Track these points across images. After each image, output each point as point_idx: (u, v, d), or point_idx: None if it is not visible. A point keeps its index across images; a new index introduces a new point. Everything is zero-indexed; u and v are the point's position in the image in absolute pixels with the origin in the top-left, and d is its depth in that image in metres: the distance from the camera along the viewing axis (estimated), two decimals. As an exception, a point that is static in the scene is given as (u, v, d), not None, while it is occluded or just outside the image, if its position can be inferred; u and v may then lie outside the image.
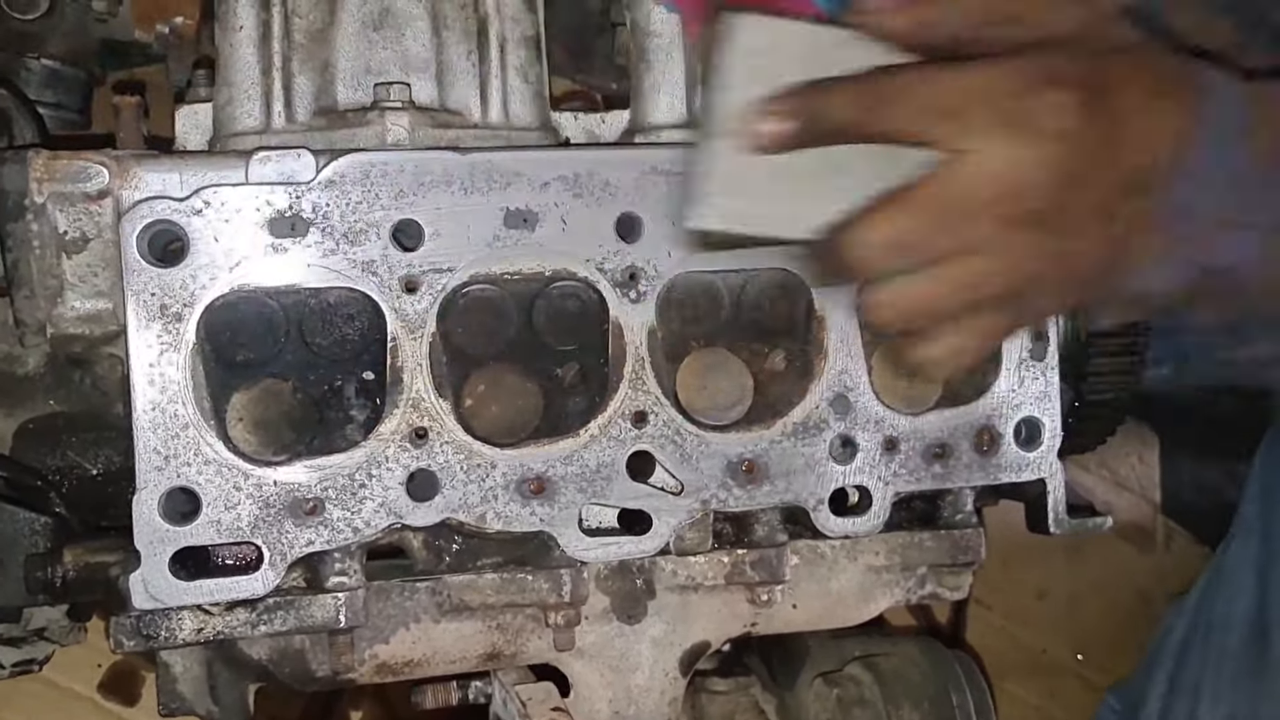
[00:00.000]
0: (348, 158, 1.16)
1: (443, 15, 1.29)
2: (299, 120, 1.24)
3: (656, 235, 1.22)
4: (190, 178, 1.14)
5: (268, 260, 1.14)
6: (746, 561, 1.30)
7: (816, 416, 1.28)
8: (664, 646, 1.33)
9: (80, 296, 1.16)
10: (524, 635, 1.29)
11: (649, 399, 1.24)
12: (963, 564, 1.37)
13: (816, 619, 1.38)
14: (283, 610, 1.17)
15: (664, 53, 1.33)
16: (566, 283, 1.22)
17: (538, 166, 1.20)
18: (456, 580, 1.24)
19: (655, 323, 1.23)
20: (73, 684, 1.84)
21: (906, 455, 1.31)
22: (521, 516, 1.21)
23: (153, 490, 1.12)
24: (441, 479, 1.18)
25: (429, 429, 1.18)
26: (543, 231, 1.20)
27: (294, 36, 1.24)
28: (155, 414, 1.12)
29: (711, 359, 1.27)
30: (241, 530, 1.14)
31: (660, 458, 1.24)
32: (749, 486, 1.26)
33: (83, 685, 1.85)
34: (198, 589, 1.13)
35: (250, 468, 1.14)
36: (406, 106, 1.22)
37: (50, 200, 1.12)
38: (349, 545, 1.17)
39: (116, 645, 1.13)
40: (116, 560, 1.14)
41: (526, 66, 1.30)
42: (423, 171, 1.17)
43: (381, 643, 1.25)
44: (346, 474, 1.16)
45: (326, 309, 1.18)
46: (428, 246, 1.18)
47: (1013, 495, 1.41)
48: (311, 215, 1.15)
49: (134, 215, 1.11)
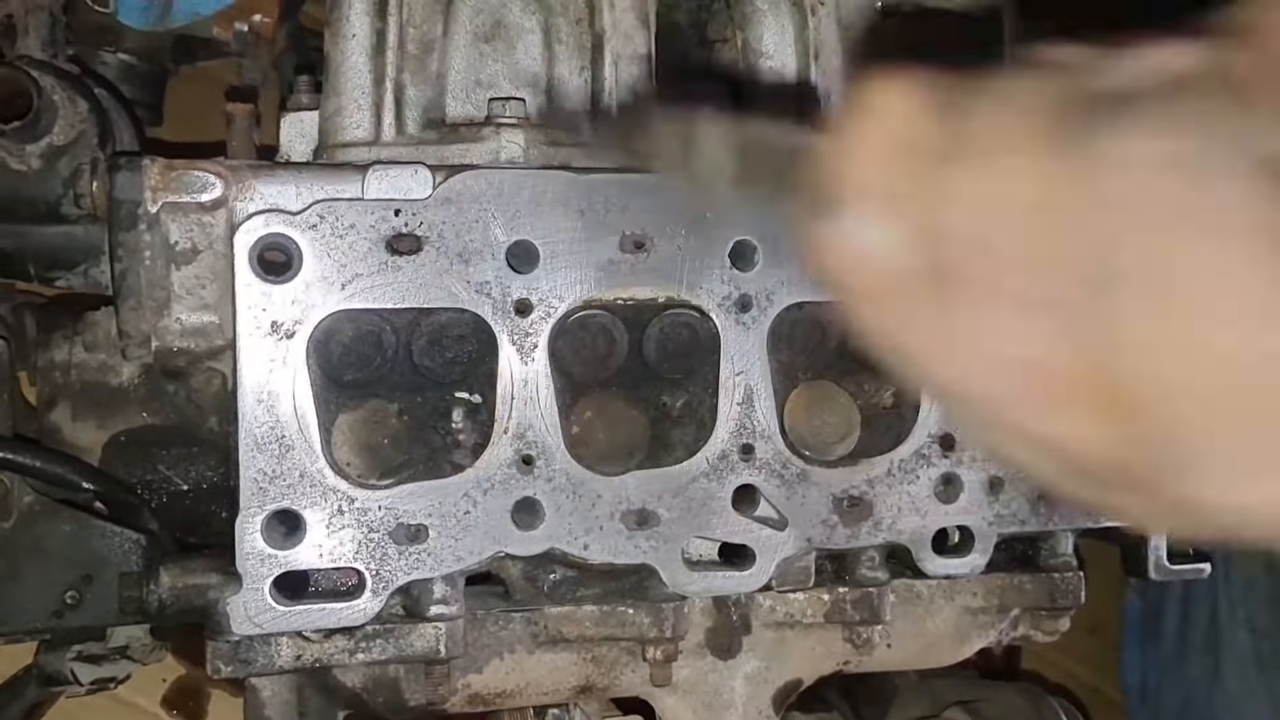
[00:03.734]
0: (464, 175, 1.13)
1: (556, 29, 1.26)
2: (409, 132, 1.21)
3: (770, 263, 1.19)
4: (304, 191, 1.10)
5: (380, 278, 1.11)
6: (847, 600, 1.27)
7: (922, 454, 1.25)
8: (757, 683, 1.30)
9: (187, 309, 1.12)
10: (618, 668, 1.26)
11: (756, 431, 1.21)
12: (1061, 608, 1.35)
13: (911, 659, 1.35)
14: (382, 639, 1.14)
15: (775, 75, 1.31)
16: (679, 310, 1.19)
17: (655, 190, 1.17)
18: (555, 612, 1.21)
19: (766, 353, 1.20)
20: (136, 698, 1.80)
21: (1010, 496, 1.28)
22: (626, 548, 1.18)
23: (256, 512, 1.09)
24: (547, 508, 1.15)
25: (536, 456, 1.15)
26: (657, 257, 1.17)
27: (407, 47, 1.21)
28: (261, 433, 1.09)
29: (819, 392, 1.24)
30: (345, 555, 1.11)
31: (765, 491, 1.21)
32: (854, 524, 1.24)
33: (147, 700, 1.81)
34: (300, 615, 1.10)
35: (355, 491, 1.11)
36: (521, 123, 1.18)
37: (164, 210, 1.08)
38: (451, 574, 1.14)
39: (214, 671, 1.09)
40: (215, 582, 1.10)
41: (638, 84, 1.27)
42: (540, 191, 1.14)
43: (475, 672, 1.22)
44: (452, 500, 1.13)
45: (436, 330, 1.14)
46: (542, 269, 1.14)
47: (1107, 538, 1.39)
48: (426, 233, 1.11)
49: (248, 228, 1.07)
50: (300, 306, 1.09)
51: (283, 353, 1.09)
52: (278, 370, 1.09)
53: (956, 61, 0.62)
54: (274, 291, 1.09)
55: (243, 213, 1.09)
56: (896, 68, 0.64)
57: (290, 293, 1.09)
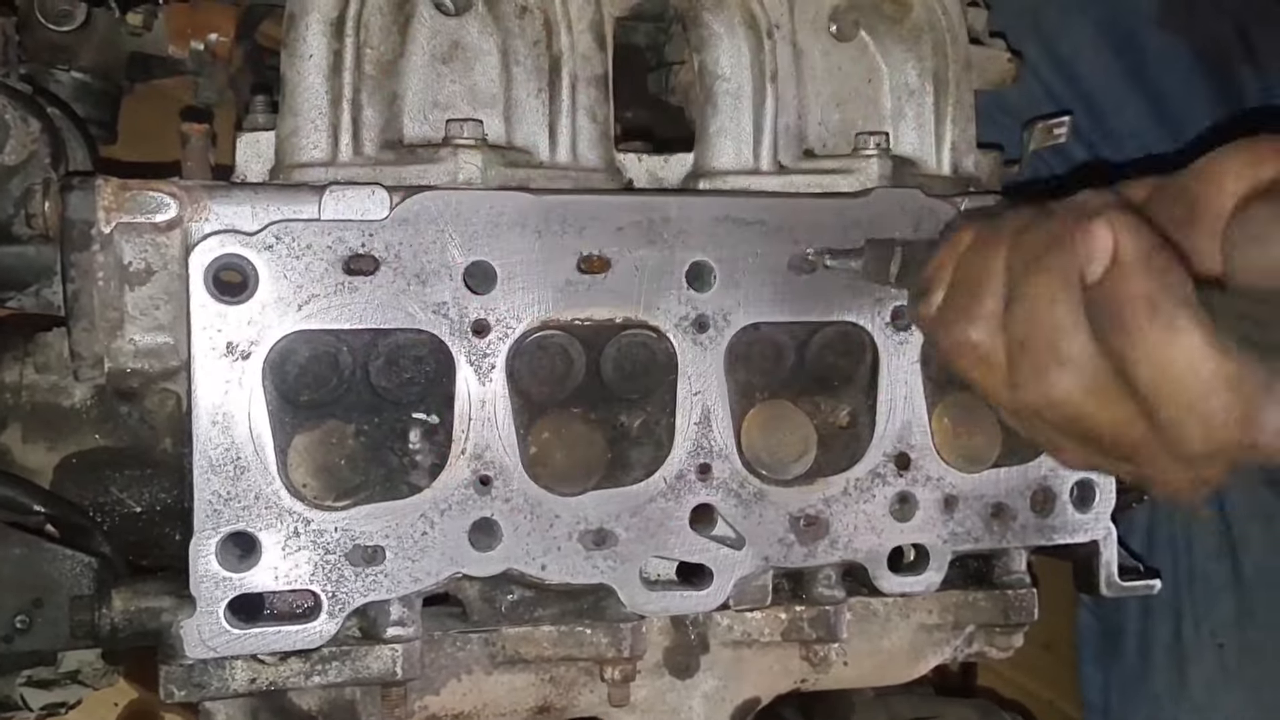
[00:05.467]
0: (421, 196, 1.13)
1: (513, 51, 1.26)
2: (366, 153, 1.21)
3: (726, 284, 1.20)
4: (261, 211, 1.10)
5: (337, 299, 1.11)
6: (804, 618, 1.28)
7: (878, 473, 1.27)
8: (715, 702, 1.31)
9: (140, 330, 1.11)
10: (576, 688, 1.26)
11: (714, 450, 1.21)
12: (1015, 624, 1.36)
13: (867, 676, 1.36)
14: (338, 661, 1.13)
15: (732, 97, 1.32)
16: (637, 330, 1.19)
17: (612, 211, 1.18)
18: (512, 632, 1.21)
19: (723, 373, 1.21)
20: (88, 723, 1.77)
21: (965, 514, 1.29)
22: (584, 568, 1.18)
23: (210, 534, 1.08)
24: (504, 528, 1.15)
25: (494, 477, 1.15)
26: (614, 278, 1.18)
27: (364, 68, 1.21)
28: (216, 455, 1.08)
29: (776, 411, 1.25)
30: (301, 577, 1.10)
31: (723, 510, 1.22)
32: (810, 542, 1.24)
33: (99, 725, 1.78)
34: (255, 638, 1.09)
35: (311, 513, 1.11)
36: (479, 144, 1.18)
37: (117, 231, 1.07)
38: (408, 595, 1.14)
39: (167, 695, 1.08)
40: (168, 605, 1.09)
41: (595, 106, 1.28)
42: (497, 212, 1.14)
43: (432, 694, 1.21)
44: (409, 521, 1.13)
45: (393, 350, 1.14)
46: (499, 289, 1.15)
47: (1060, 555, 1.41)
48: (383, 254, 1.11)
49: (204, 249, 1.07)
50: (256, 327, 1.09)
51: (238, 374, 1.08)
52: (233, 391, 1.08)
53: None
54: (229, 312, 1.08)
55: (198, 233, 1.09)
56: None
57: (246, 313, 1.08)
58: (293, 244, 1.09)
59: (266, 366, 1.09)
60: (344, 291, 1.11)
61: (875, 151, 1.30)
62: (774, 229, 1.22)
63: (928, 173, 1.38)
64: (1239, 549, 1.84)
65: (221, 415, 1.08)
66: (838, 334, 1.26)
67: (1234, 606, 1.86)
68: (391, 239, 1.12)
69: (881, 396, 1.26)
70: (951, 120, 1.39)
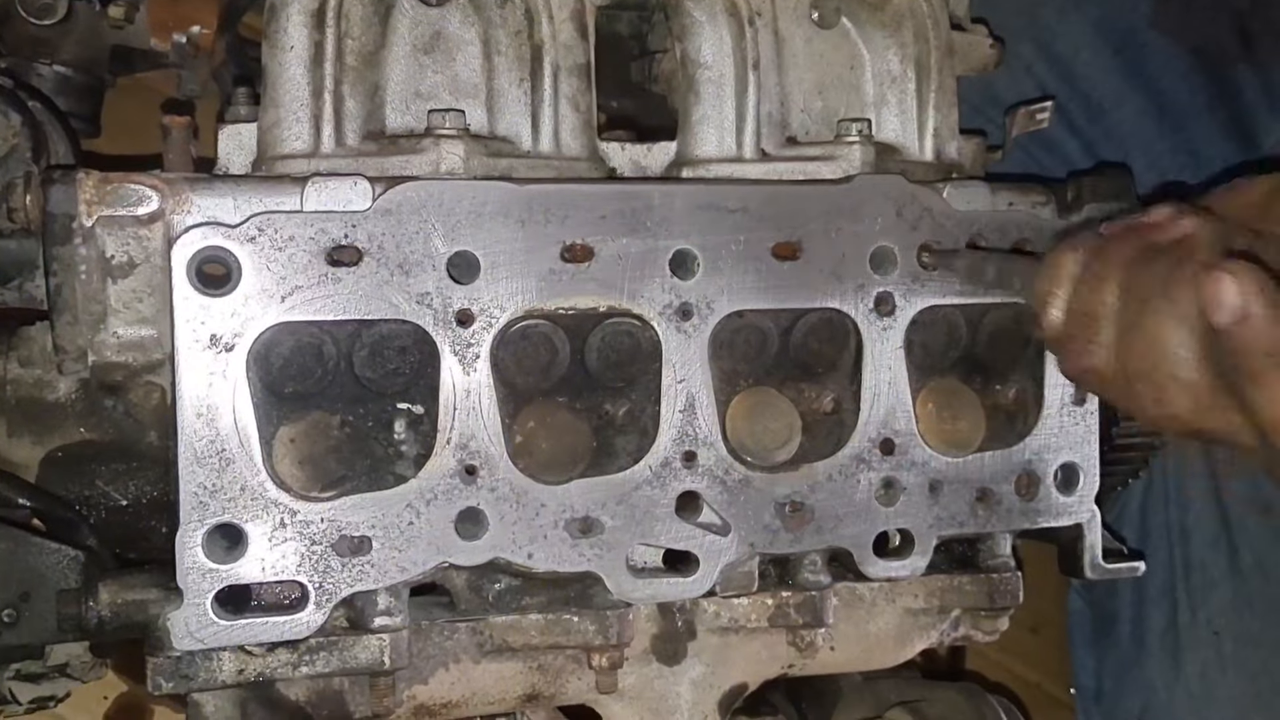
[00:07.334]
0: (404, 186, 1.13)
1: (495, 41, 1.26)
2: (348, 144, 1.21)
3: (710, 272, 1.21)
4: (243, 203, 1.10)
5: (320, 290, 1.11)
6: (790, 604, 1.28)
7: (862, 458, 1.27)
8: (703, 688, 1.31)
9: (124, 323, 1.11)
10: (564, 676, 1.27)
11: (698, 438, 1.22)
12: (1000, 608, 1.37)
13: (853, 661, 1.37)
14: (326, 651, 1.14)
15: (714, 85, 1.32)
16: (621, 319, 1.19)
17: (595, 200, 1.18)
18: (500, 621, 1.21)
19: (707, 360, 1.21)
20: (77, 716, 1.77)
21: (949, 499, 1.30)
22: (570, 556, 1.18)
23: (196, 526, 1.08)
24: (490, 517, 1.16)
25: (479, 466, 1.15)
26: (598, 266, 1.18)
27: (346, 59, 1.21)
28: (201, 447, 1.08)
29: (760, 398, 1.26)
30: (287, 568, 1.11)
31: (708, 497, 1.22)
32: (796, 528, 1.25)
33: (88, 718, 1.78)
34: (242, 629, 1.09)
35: (297, 504, 1.11)
36: (461, 134, 1.18)
37: (99, 224, 1.07)
38: (395, 585, 1.14)
39: (155, 688, 1.08)
40: (155, 598, 1.10)
41: (578, 95, 1.28)
42: (480, 202, 1.15)
43: (420, 683, 1.22)
44: (395, 511, 1.13)
45: (377, 341, 1.14)
46: (483, 279, 1.15)
47: (1044, 538, 1.41)
48: (366, 245, 1.12)
49: (186, 241, 1.07)
50: (240, 319, 1.09)
51: (222, 366, 1.08)
52: (217, 383, 1.08)
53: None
54: (213, 304, 1.08)
55: (180, 226, 1.09)
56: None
57: (229, 305, 1.08)
58: (275, 236, 1.09)
59: (250, 358, 1.09)
60: (327, 283, 1.11)
61: (857, 138, 1.31)
62: (757, 216, 1.22)
63: (910, 159, 1.38)
64: (1237, 538, 1.85)
65: (206, 407, 1.08)
66: (821, 321, 1.27)
67: (1231, 595, 1.86)
68: (374, 230, 1.12)
69: (865, 383, 1.27)
70: (934, 106, 1.39)
